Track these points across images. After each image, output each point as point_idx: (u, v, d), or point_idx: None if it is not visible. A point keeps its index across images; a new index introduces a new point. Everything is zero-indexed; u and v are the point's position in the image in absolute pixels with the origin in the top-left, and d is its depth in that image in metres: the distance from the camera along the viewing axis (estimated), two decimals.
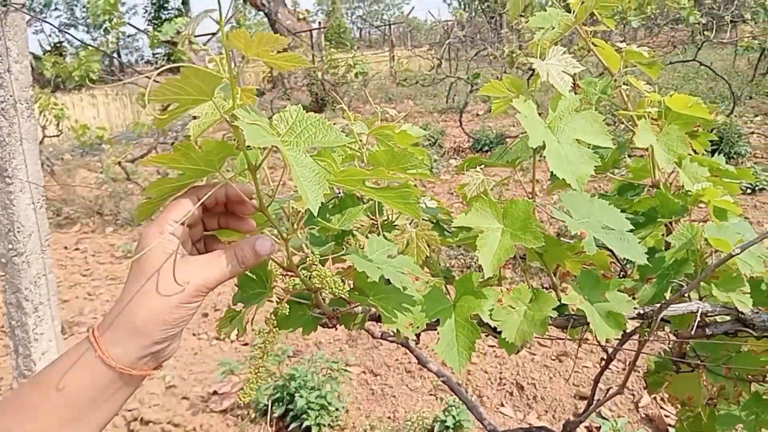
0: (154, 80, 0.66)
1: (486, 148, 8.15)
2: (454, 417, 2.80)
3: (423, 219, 0.98)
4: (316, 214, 0.64)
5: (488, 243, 0.78)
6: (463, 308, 0.83)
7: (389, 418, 3.07)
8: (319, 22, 17.48)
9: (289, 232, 0.77)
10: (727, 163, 1.11)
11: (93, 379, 0.63)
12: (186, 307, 0.65)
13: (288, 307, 0.76)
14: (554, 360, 3.43)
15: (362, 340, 3.80)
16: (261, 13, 15.58)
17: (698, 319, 0.85)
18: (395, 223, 1.02)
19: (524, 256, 1.00)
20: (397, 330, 0.80)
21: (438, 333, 0.84)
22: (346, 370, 3.35)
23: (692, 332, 0.86)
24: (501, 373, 3.35)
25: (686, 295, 0.92)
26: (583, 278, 0.84)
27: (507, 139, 8.22)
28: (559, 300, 0.82)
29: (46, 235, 2.09)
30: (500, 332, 0.84)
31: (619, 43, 1.13)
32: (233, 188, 0.72)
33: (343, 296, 0.78)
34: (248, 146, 0.64)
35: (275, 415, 2.94)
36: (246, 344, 3.82)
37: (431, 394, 3.24)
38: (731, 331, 0.91)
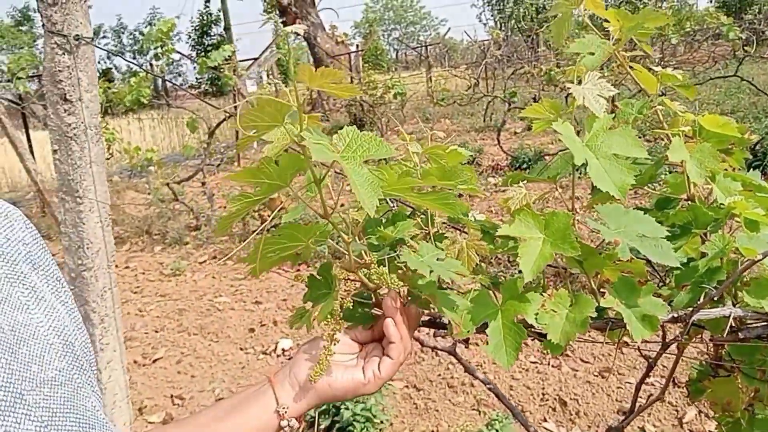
0: (226, 109, 0.77)
1: (525, 165, 8.04)
2: (497, 431, 2.84)
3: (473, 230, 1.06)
4: (372, 215, 0.75)
5: (529, 251, 0.86)
6: (509, 311, 0.91)
7: (432, 431, 3.13)
8: (357, 45, 17.76)
9: (350, 238, 0.87)
10: None
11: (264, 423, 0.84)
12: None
13: (352, 301, 0.87)
14: (596, 376, 3.45)
15: None
16: (300, 37, 15.95)
17: (731, 323, 0.91)
18: (445, 235, 1.10)
19: (566, 269, 1.08)
20: (449, 325, 0.88)
21: (487, 335, 0.92)
22: (389, 385, 3.42)
23: (725, 336, 0.92)
24: (543, 389, 3.38)
25: (721, 302, 0.98)
26: (619, 284, 0.91)
27: (545, 157, 8.18)
28: (598, 303, 0.89)
29: (112, 252, 2.23)
30: (544, 335, 0.92)
31: (654, 66, 1.21)
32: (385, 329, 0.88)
33: (397, 289, 0.88)
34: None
35: (322, 426, 3.03)
36: (290, 358, 3.92)
37: (474, 409, 3.28)
38: (764, 335, 0.96)
